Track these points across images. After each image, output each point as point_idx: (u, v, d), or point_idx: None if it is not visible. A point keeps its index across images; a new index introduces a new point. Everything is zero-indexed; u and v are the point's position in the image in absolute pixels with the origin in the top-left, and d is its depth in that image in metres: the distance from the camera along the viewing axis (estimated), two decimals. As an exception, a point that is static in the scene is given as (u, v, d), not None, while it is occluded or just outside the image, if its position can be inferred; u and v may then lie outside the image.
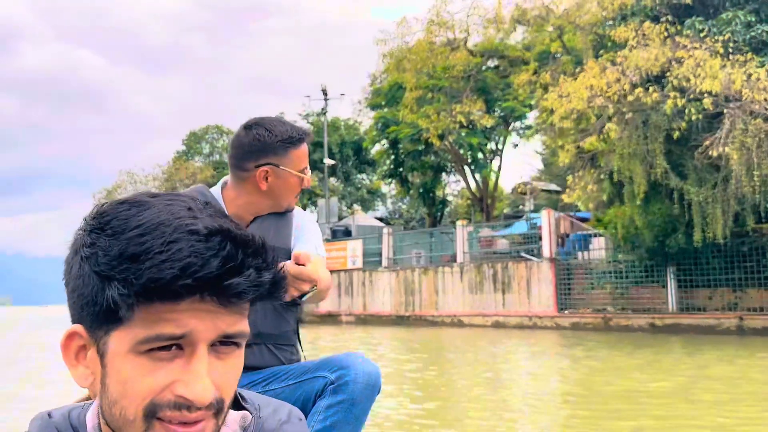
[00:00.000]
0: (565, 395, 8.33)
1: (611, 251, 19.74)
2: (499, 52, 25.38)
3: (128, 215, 0.73)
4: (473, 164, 30.68)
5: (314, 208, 39.07)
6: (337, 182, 43.06)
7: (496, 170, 31.33)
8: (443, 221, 34.93)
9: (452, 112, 23.96)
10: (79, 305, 0.75)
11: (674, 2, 16.58)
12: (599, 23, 18.05)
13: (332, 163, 35.38)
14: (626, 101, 15.22)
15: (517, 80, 21.31)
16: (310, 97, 38.14)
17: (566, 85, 15.83)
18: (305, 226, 2.30)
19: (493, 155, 31.50)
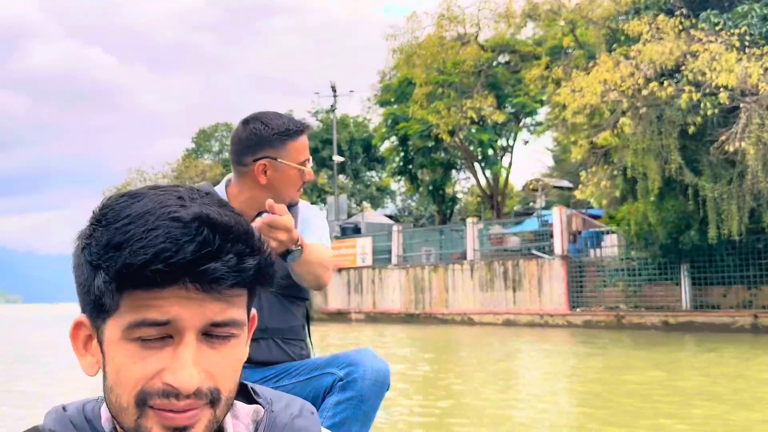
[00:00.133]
0: (581, 394, 8.17)
1: (624, 248, 19.55)
2: (510, 46, 25.12)
3: (122, 206, 0.76)
4: (483, 161, 30.46)
5: (323, 205, 39.01)
6: (346, 179, 42.99)
7: (506, 167, 31.11)
8: (453, 219, 34.72)
9: (463, 107, 23.75)
10: (80, 295, 0.78)
11: (689, -5, 16.35)
12: (612, 17, 17.80)
13: (341, 160, 35.26)
14: (640, 96, 14.99)
15: (528, 75, 21.07)
16: (319, 93, 38.03)
17: (579, 79, 15.61)
18: (311, 220, 2.30)
19: (503, 152, 31.26)
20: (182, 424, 0.72)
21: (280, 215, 1.84)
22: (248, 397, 0.87)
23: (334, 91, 35.16)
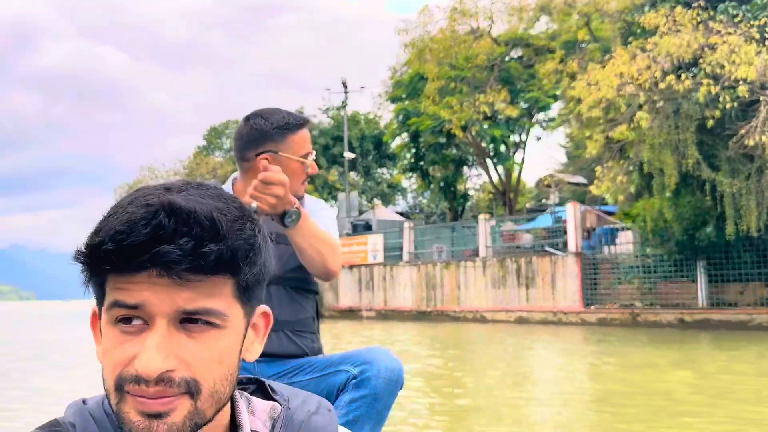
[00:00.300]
0: (599, 392, 7.98)
1: (639, 245, 19.32)
2: (523, 40, 24.85)
3: (122, 198, 0.77)
4: (496, 157, 30.23)
5: (334, 202, 38.92)
6: (357, 176, 42.88)
7: (519, 162, 30.85)
8: (464, 216, 34.49)
9: (475, 102, 23.50)
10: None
11: (707, -13, 16.06)
12: (627, 10, 17.51)
13: (352, 156, 35.13)
14: (657, 89, 14.73)
15: (542, 69, 20.80)
16: (330, 89, 37.84)
17: (595, 72, 15.36)
18: (318, 213, 2.32)
19: (516, 148, 31.01)
20: (155, 410, 0.72)
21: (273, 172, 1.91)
22: (265, 393, 0.88)
23: (344, 87, 35.01)
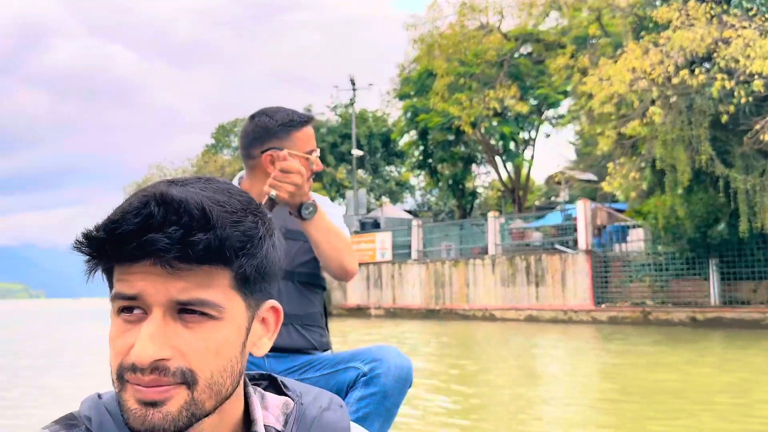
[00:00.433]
0: (613, 392, 7.82)
1: (650, 243, 19.10)
2: (533, 36, 24.60)
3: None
4: (505, 154, 30.01)
5: (342, 200, 38.78)
6: (365, 174, 42.74)
7: (529, 159, 30.63)
8: (473, 214, 34.30)
9: (485, 98, 23.28)
10: None
11: (720, -20, 15.82)
12: (639, 4, 17.27)
13: (360, 153, 34.98)
14: (670, 84, 14.51)
15: (553, 65, 20.56)
16: (338, 87, 37.57)
17: (607, 68, 15.14)
18: (325, 209, 2.34)
19: (525, 145, 30.79)
20: (151, 398, 0.72)
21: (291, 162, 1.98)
22: (277, 389, 0.89)
23: (353, 84, 34.85)
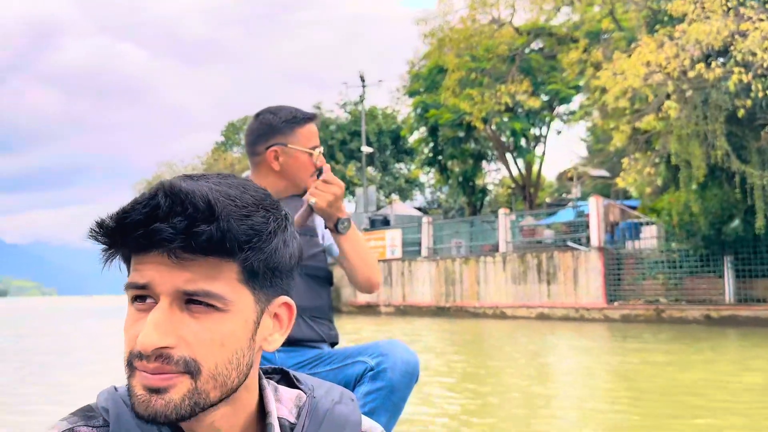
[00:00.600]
0: (630, 391, 7.65)
1: (663, 240, 18.87)
2: (546, 30, 24.32)
3: None
4: (516, 150, 29.79)
5: (352, 197, 38.64)
6: (374, 172, 42.61)
7: (540, 155, 30.38)
8: (483, 211, 34.10)
9: (497, 93, 23.05)
10: None
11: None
12: (653, -3, 17.02)
13: (370, 150, 34.82)
14: (686, 78, 14.26)
15: (565, 59, 20.31)
16: (347, 83, 37.32)
17: (620, 62, 14.90)
18: None
19: (536, 142, 30.54)
20: (154, 384, 0.73)
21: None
22: (290, 383, 0.90)
23: (362, 81, 34.69)
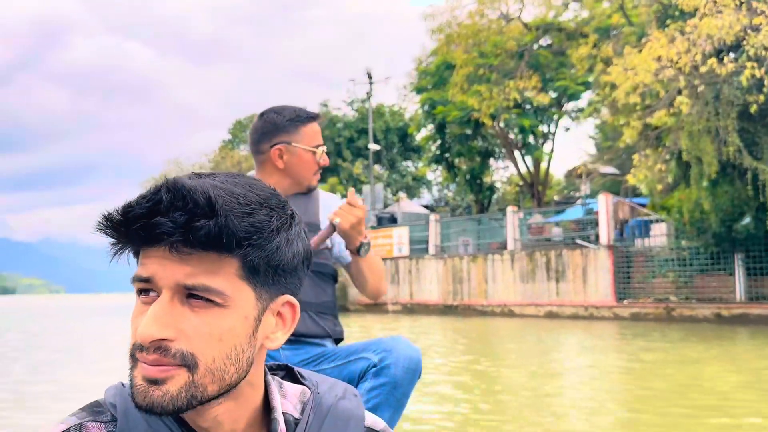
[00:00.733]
0: (644, 390, 7.51)
1: (673, 237, 18.69)
2: (555, 25, 24.09)
3: None
4: (524, 148, 29.59)
5: (359, 195, 38.47)
6: (382, 169, 42.50)
7: (549, 152, 30.16)
8: (490, 209, 33.92)
9: (505, 88, 22.86)
10: None
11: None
12: (664, -8, 16.79)
13: (377, 148, 34.68)
14: (698, 73, 14.06)
15: (575, 54, 20.11)
16: (354, 80, 37.24)
17: (631, 57, 14.70)
18: (333, 209, 2.38)
19: (544, 139, 30.33)
20: (153, 375, 0.74)
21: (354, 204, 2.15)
22: (294, 379, 0.92)
23: (369, 78, 34.56)
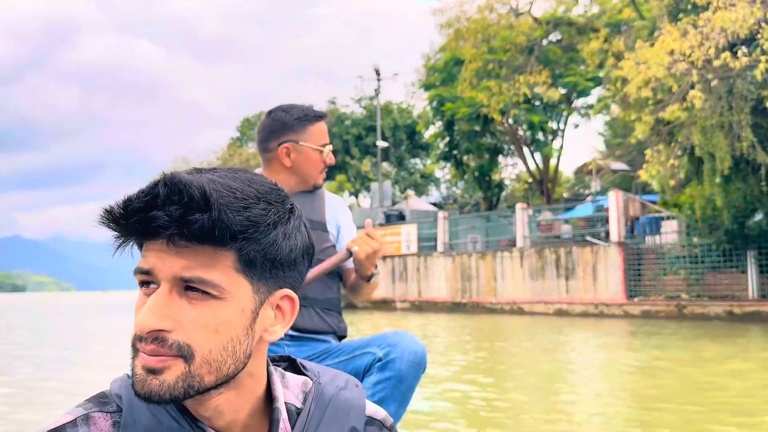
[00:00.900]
0: (658, 389, 7.37)
1: (685, 234, 18.48)
2: (565, 20, 23.88)
3: None
4: (533, 144, 29.39)
5: (367, 192, 38.43)
6: (390, 167, 42.37)
7: (558, 149, 29.94)
8: (499, 206, 33.74)
9: (515, 84, 22.68)
10: None
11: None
12: (676, -15, 16.58)
13: (385, 145, 34.56)
14: (711, 67, 13.85)
15: (586, 49, 19.89)
16: (362, 77, 37.07)
17: (643, 51, 14.50)
18: (339, 211, 2.44)
19: (553, 135, 30.12)
20: (150, 365, 0.76)
21: (374, 238, 2.17)
22: (297, 370, 0.93)
23: (377, 74, 34.41)
